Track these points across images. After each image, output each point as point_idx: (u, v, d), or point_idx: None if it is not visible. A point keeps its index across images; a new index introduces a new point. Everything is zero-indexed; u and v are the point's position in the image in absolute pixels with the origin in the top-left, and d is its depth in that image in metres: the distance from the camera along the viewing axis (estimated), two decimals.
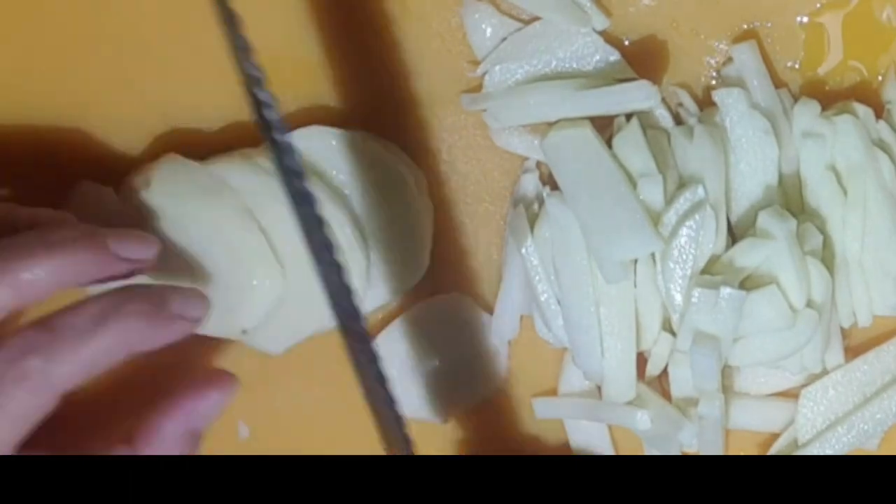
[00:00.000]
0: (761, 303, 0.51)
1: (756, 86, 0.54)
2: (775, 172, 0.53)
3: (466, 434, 0.58)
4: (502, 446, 0.58)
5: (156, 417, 0.50)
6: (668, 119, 0.54)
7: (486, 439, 0.58)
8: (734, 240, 0.53)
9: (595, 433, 0.56)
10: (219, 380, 0.51)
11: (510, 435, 0.58)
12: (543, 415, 0.57)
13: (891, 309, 0.54)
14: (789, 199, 0.54)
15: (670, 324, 0.53)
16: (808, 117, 0.53)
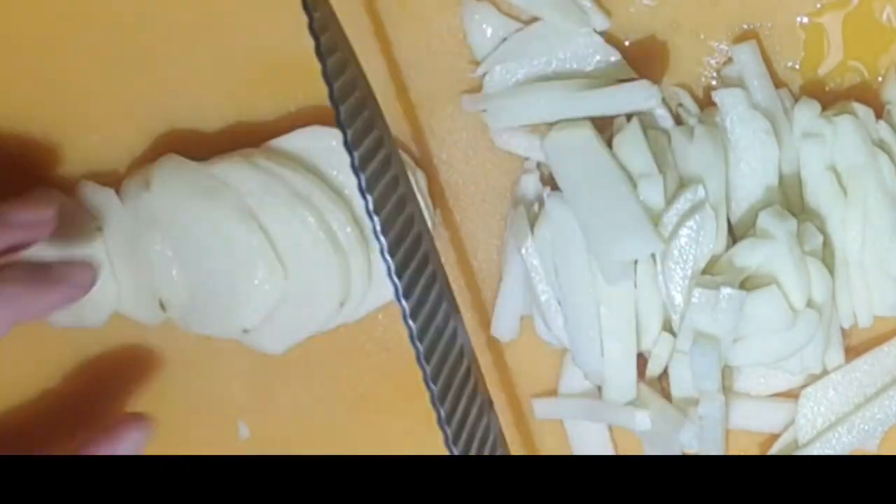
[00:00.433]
0: (761, 303, 0.51)
1: (756, 86, 0.54)
2: (775, 172, 0.53)
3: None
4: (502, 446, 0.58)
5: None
6: (668, 119, 0.54)
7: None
8: (734, 240, 0.53)
9: (595, 433, 0.57)
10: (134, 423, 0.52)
11: (510, 435, 0.58)
12: (543, 415, 0.57)
13: (891, 309, 0.54)
14: (789, 199, 0.54)
15: (670, 324, 0.53)
16: (808, 117, 0.53)
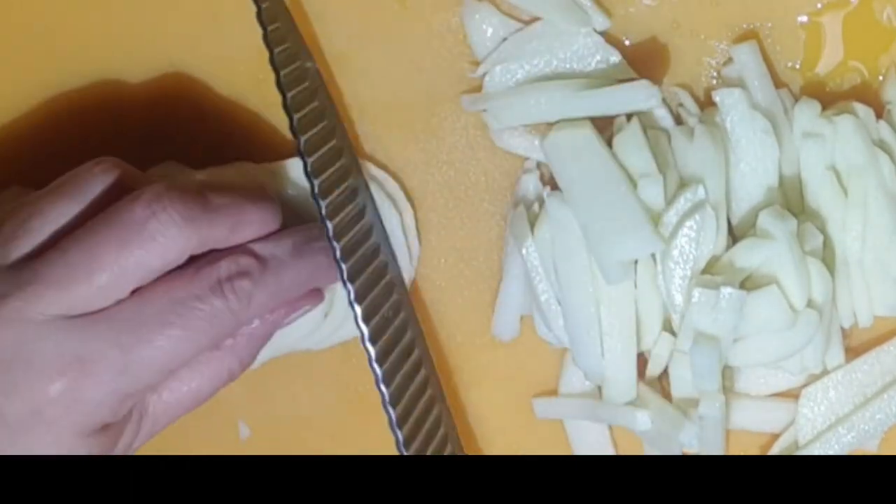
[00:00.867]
0: (762, 303, 0.51)
1: (756, 86, 0.54)
2: (776, 173, 0.53)
3: (466, 434, 0.58)
4: (503, 446, 0.58)
5: None
6: (668, 119, 0.54)
7: (485, 439, 0.58)
8: (734, 240, 0.53)
9: (595, 433, 0.56)
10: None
11: (510, 434, 0.58)
12: (544, 415, 0.57)
13: (891, 309, 0.54)
14: (790, 199, 0.54)
15: (671, 324, 0.53)
16: (808, 117, 0.53)
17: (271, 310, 0.51)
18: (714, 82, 0.55)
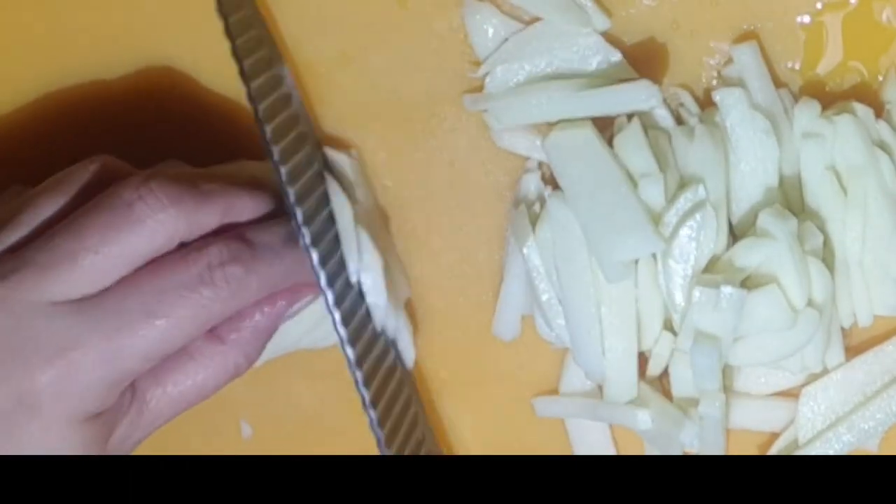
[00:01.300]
0: (762, 302, 0.51)
1: (756, 86, 0.54)
2: (776, 172, 0.53)
3: (466, 434, 0.58)
4: (503, 445, 0.58)
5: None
6: (668, 119, 0.54)
7: (485, 439, 0.58)
8: (735, 239, 0.53)
9: (596, 433, 0.57)
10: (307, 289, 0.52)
11: (510, 434, 0.58)
12: (544, 414, 0.57)
13: (891, 309, 0.54)
14: (790, 199, 0.54)
15: (671, 323, 0.53)
16: (808, 118, 0.53)
17: (267, 300, 0.50)
18: (714, 82, 0.55)
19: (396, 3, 0.56)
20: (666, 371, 0.54)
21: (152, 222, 0.47)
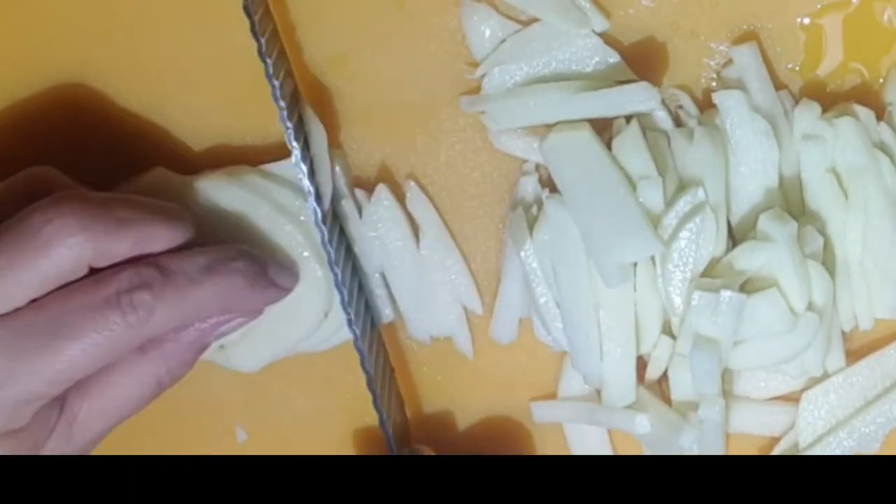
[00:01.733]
0: (762, 306, 0.51)
1: (756, 88, 0.53)
2: (776, 175, 0.53)
3: (464, 437, 0.58)
4: (501, 449, 0.58)
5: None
6: (667, 121, 0.54)
7: (482, 443, 0.58)
8: (734, 243, 0.53)
9: (594, 437, 0.56)
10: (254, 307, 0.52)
11: (509, 439, 0.57)
12: (542, 419, 0.57)
13: (892, 312, 0.54)
14: (790, 201, 0.54)
15: (670, 327, 0.53)
16: (808, 119, 0.53)
17: (195, 318, 0.50)
18: (714, 84, 0.55)
19: (394, 5, 0.56)
20: (665, 375, 0.54)
21: (59, 248, 0.47)
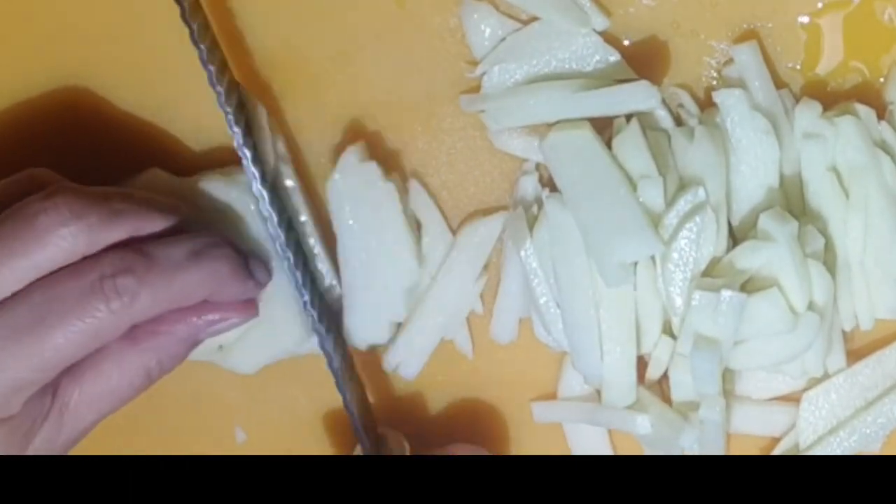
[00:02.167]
0: (762, 306, 0.51)
1: (757, 87, 0.53)
2: (776, 174, 0.53)
3: (464, 437, 0.58)
4: (501, 449, 0.57)
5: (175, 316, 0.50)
6: (668, 120, 0.54)
7: (483, 443, 0.58)
8: (735, 242, 0.53)
9: (595, 437, 0.56)
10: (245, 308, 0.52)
11: (508, 437, 0.57)
12: (542, 419, 0.56)
13: (893, 312, 0.54)
14: (790, 200, 0.54)
15: (671, 327, 0.53)
16: (809, 118, 0.53)
17: (193, 311, 0.50)
18: (714, 83, 0.55)
19: (394, 3, 0.55)
20: (665, 375, 0.54)
21: (53, 236, 0.47)
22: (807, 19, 0.55)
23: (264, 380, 0.56)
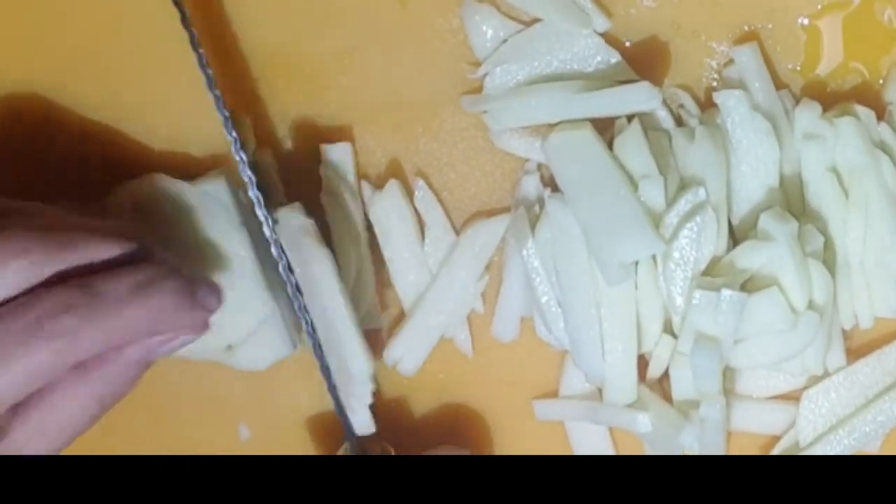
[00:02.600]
0: (762, 305, 0.51)
1: (757, 87, 0.53)
2: (776, 174, 0.53)
3: (466, 436, 0.58)
4: (502, 448, 0.58)
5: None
6: (669, 121, 0.54)
7: (484, 442, 0.58)
8: (735, 242, 0.53)
9: (596, 435, 0.56)
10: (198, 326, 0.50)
11: (509, 435, 0.57)
12: (544, 417, 0.57)
13: (892, 311, 0.54)
14: (790, 200, 0.54)
15: (671, 326, 0.53)
16: (809, 119, 0.53)
17: (142, 335, 0.48)
18: (715, 84, 0.55)
19: (396, 4, 0.56)
20: (666, 373, 0.54)
21: (1, 270, 0.45)
22: (807, 20, 0.55)
23: (269, 377, 0.56)
